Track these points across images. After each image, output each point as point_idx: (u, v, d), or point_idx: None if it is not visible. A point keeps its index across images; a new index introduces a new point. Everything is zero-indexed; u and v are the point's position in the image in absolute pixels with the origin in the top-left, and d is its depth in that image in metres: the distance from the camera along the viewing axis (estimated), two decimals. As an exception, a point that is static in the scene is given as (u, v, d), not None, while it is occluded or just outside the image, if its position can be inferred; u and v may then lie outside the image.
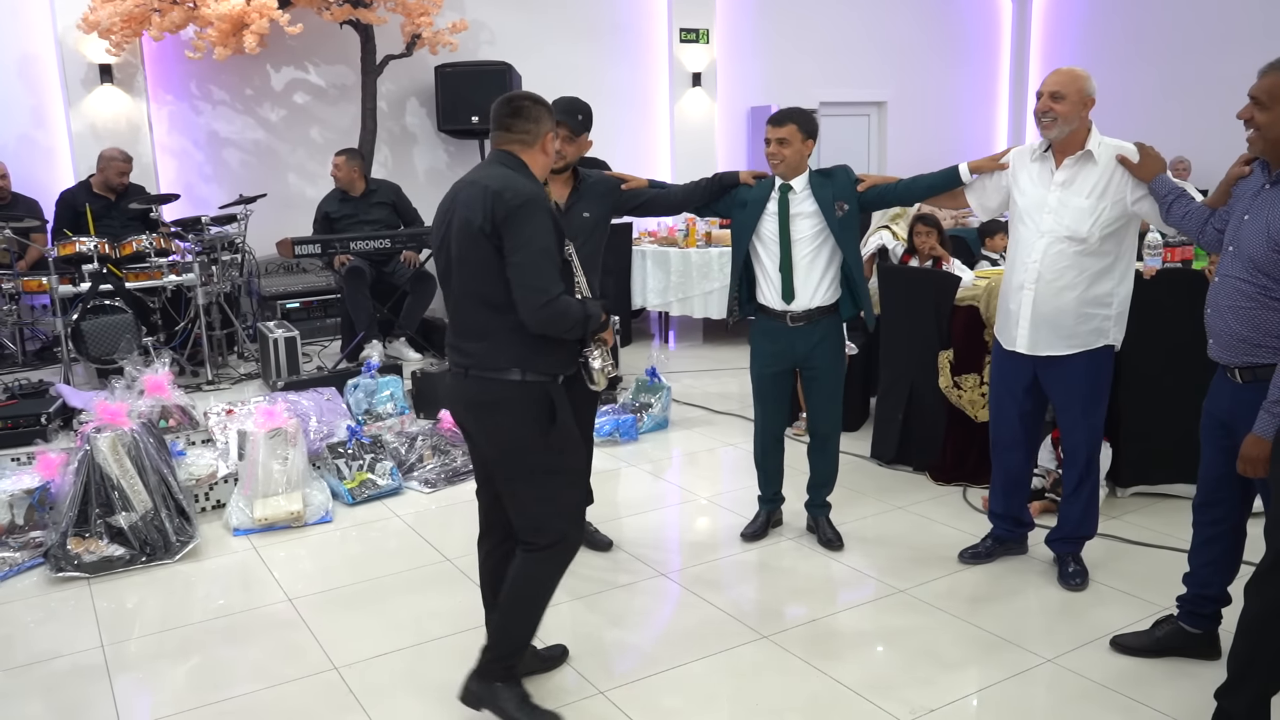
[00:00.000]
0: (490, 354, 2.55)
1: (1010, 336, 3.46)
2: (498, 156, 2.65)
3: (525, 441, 2.58)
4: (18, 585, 3.74)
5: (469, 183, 2.60)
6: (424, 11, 7.41)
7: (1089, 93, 3.25)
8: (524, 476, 2.61)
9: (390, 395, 5.23)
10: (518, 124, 2.63)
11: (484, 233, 2.49)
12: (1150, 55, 9.86)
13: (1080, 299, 3.28)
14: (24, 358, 6.27)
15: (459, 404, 2.68)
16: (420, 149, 8.43)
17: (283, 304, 7.05)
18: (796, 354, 3.75)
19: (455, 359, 2.63)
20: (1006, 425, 3.59)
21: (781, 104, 9.47)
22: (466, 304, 2.59)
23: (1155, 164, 3.17)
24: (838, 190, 3.64)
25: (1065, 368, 3.36)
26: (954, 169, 3.58)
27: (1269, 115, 2.58)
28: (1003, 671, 2.99)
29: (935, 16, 10.73)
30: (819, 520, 4.00)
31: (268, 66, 7.76)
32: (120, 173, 6.44)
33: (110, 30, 6.50)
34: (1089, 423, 3.42)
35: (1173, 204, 3.06)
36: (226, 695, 2.95)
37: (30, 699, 2.97)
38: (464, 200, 2.56)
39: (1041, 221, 3.31)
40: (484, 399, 2.59)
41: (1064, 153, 3.29)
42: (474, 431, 2.69)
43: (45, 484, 4.06)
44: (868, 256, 6.00)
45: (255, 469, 4.24)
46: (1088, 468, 3.48)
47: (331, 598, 3.60)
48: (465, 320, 2.60)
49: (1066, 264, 3.26)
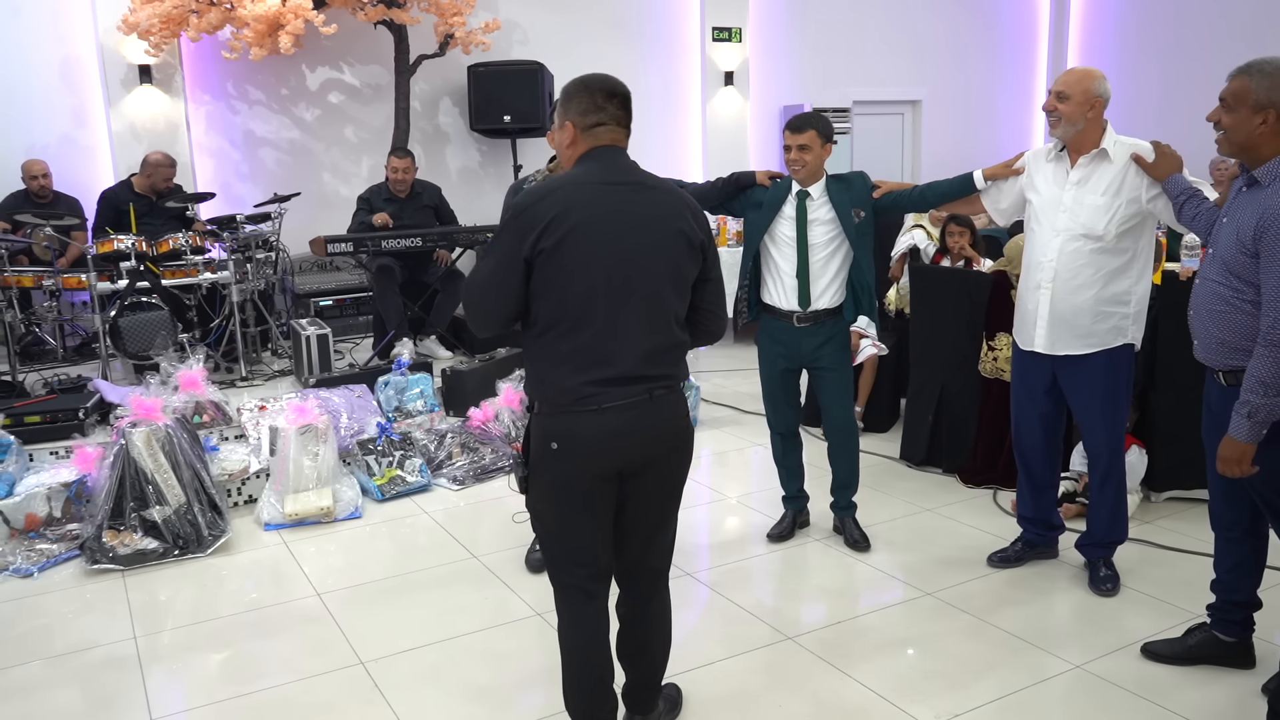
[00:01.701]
0: (679, 373, 2.38)
1: (1028, 336, 3.43)
2: (622, 156, 2.36)
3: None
4: (55, 576, 3.81)
5: (644, 186, 2.32)
6: (457, 11, 7.45)
7: (1097, 93, 3.21)
8: (679, 496, 2.50)
9: (420, 393, 5.27)
10: (628, 118, 2.38)
11: (701, 248, 2.35)
12: (1189, 52, 9.69)
13: (1097, 297, 3.25)
14: (64, 353, 6.39)
15: (645, 435, 2.31)
16: (453, 148, 8.48)
17: (316, 301, 7.12)
18: (803, 353, 3.78)
19: (632, 387, 2.26)
20: (1028, 428, 3.57)
21: (815, 104, 9.46)
22: (660, 320, 2.30)
23: (1170, 163, 3.14)
24: (855, 197, 3.67)
25: (1084, 367, 3.33)
26: (968, 176, 3.61)
27: (1234, 118, 2.62)
28: (1030, 677, 2.95)
29: (971, 14, 10.62)
30: (845, 521, 4.00)
31: (303, 66, 7.85)
32: (166, 178, 6.55)
33: (149, 31, 6.60)
34: (1109, 424, 3.38)
35: (1184, 204, 3.04)
36: (255, 688, 2.99)
37: (66, 688, 3.03)
38: (667, 207, 2.31)
39: (1057, 220, 3.29)
40: (682, 421, 2.40)
41: (1078, 152, 3.28)
42: (664, 460, 2.39)
43: (82, 477, 4.13)
44: (899, 255, 5.98)
45: (286, 465, 4.29)
46: (1110, 469, 3.44)
47: (359, 593, 3.63)
48: (654, 339, 2.29)
49: (1083, 262, 3.24)
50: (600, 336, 2.24)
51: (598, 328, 2.24)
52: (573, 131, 2.34)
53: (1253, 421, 2.51)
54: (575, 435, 2.26)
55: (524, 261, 2.21)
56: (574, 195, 2.24)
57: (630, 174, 2.33)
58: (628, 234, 2.25)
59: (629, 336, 2.25)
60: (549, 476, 2.33)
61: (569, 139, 2.35)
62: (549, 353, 2.28)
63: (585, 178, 2.29)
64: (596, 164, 2.32)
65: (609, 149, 2.34)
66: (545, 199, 2.23)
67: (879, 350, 5.41)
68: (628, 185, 2.30)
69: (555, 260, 2.20)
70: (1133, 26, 10.39)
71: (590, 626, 2.44)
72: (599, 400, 2.24)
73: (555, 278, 2.22)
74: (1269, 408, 2.49)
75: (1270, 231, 2.46)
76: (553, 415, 2.29)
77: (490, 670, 3.07)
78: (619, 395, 2.25)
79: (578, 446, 2.26)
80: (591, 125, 2.32)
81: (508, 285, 2.24)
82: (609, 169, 2.31)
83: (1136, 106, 9.72)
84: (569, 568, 2.41)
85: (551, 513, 2.38)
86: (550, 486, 2.34)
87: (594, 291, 2.22)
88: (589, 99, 2.32)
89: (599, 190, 2.27)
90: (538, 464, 2.33)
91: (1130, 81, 10.03)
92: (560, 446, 2.28)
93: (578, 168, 2.34)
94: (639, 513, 2.42)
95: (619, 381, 2.25)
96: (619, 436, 2.27)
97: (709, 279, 2.41)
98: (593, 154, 2.33)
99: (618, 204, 2.26)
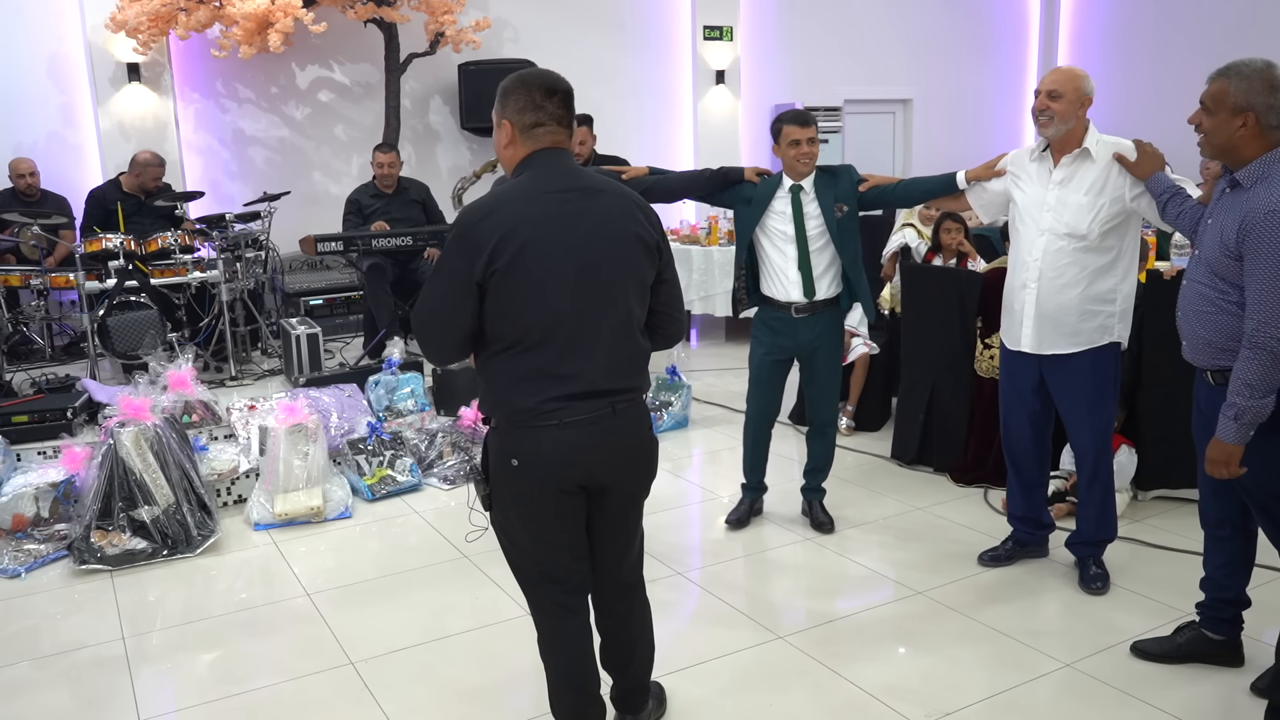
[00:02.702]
0: (642, 383, 2.31)
1: (1015, 336, 3.45)
2: (566, 159, 2.25)
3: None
4: (42, 577, 3.79)
5: (593, 190, 2.22)
6: (447, 10, 7.44)
7: (1086, 91, 3.23)
8: (642, 509, 2.47)
9: (411, 392, 5.26)
10: (570, 117, 2.28)
11: (657, 249, 2.27)
12: (1178, 51, 9.73)
13: (1083, 296, 3.27)
14: (52, 352, 6.35)
15: (607, 448, 2.23)
16: (443, 147, 8.46)
17: (306, 301, 7.11)
18: (799, 343, 3.86)
19: (594, 401, 2.19)
20: (1017, 427, 3.58)
21: (806, 102, 9.47)
22: (623, 331, 2.22)
23: (1152, 162, 3.15)
24: (840, 191, 3.76)
25: (1070, 366, 3.35)
26: (951, 176, 3.65)
27: (1214, 120, 2.62)
28: (1020, 675, 2.96)
29: (962, 13, 10.64)
30: (813, 504, 4.13)
31: (293, 65, 7.82)
32: (155, 178, 6.53)
33: (137, 29, 6.57)
34: (1095, 422, 3.40)
35: (1168, 202, 3.06)
36: (245, 688, 2.98)
37: (54, 689, 3.01)
38: (619, 212, 2.22)
39: (1041, 220, 3.31)
40: (645, 434, 2.32)
41: (1061, 151, 3.30)
42: (627, 475, 2.33)
43: (70, 477, 4.11)
44: (890, 255, 5.97)
45: (276, 464, 4.28)
46: (1097, 468, 3.46)
47: (350, 593, 3.62)
48: (619, 351, 2.22)
49: (1068, 261, 3.26)
50: (562, 354, 2.15)
51: (559, 345, 2.15)
52: (510, 131, 2.22)
53: (1239, 423, 2.52)
54: (536, 451, 2.17)
55: (475, 285, 2.10)
56: (521, 210, 2.12)
57: (577, 178, 2.22)
58: (583, 245, 2.15)
59: (592, 351, 2.17)
60: (510, 493, 2.25)
61: (506, 139, 2.23)
62: (506, 370, 2.18)
63: (530, 188, 2.17)
64: (539, 171, 2.20)
65: (551, 152, 2.22)
66: (489, 217, 2.11)
67: (870, 349, 5.41)
68: (576, 191, 2.19)
69: (509, 281, 2.09)
70: (1123, 26, 10.43)
71: (573, 644, 2.38)
72: (560, 415, 2.15)
73: (511, 299, 2.11)
74: (1255, 409, 2.49)
75: (1253, 234, 2.47)
76: (511, 431, 2.20)
77: (481, 670, 3.06)
78: (581, 410, 2.17)
79: (539, 461, 2.18)
80: (530, 125, 2.20)
81: (460, 312, 2.12)
82: (553, 175, 2.20)
83: (1126, 107, 9.76)
84: (544, 585, 2.34)
85: (519, 529, 2.30)
86: (514, 502, 2.26)
87: (553, 309, 2.12)
88: (526, 97, 2.20)
89: (546, 200, 2.15)
90: (499, 481, 2.25)
91: (1120, 82, 10.07)
92: (521, 463, 2.19)
93: (519, 177, 2.22)
94: (605, 528, 2.37)
95: (581, 397, 2.16)
96: (581, 450, 2.19)
97: (664, 279, 2.33)
98: (534, 159, 2.21)
99: (568, 214, 2.15)
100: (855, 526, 4.13)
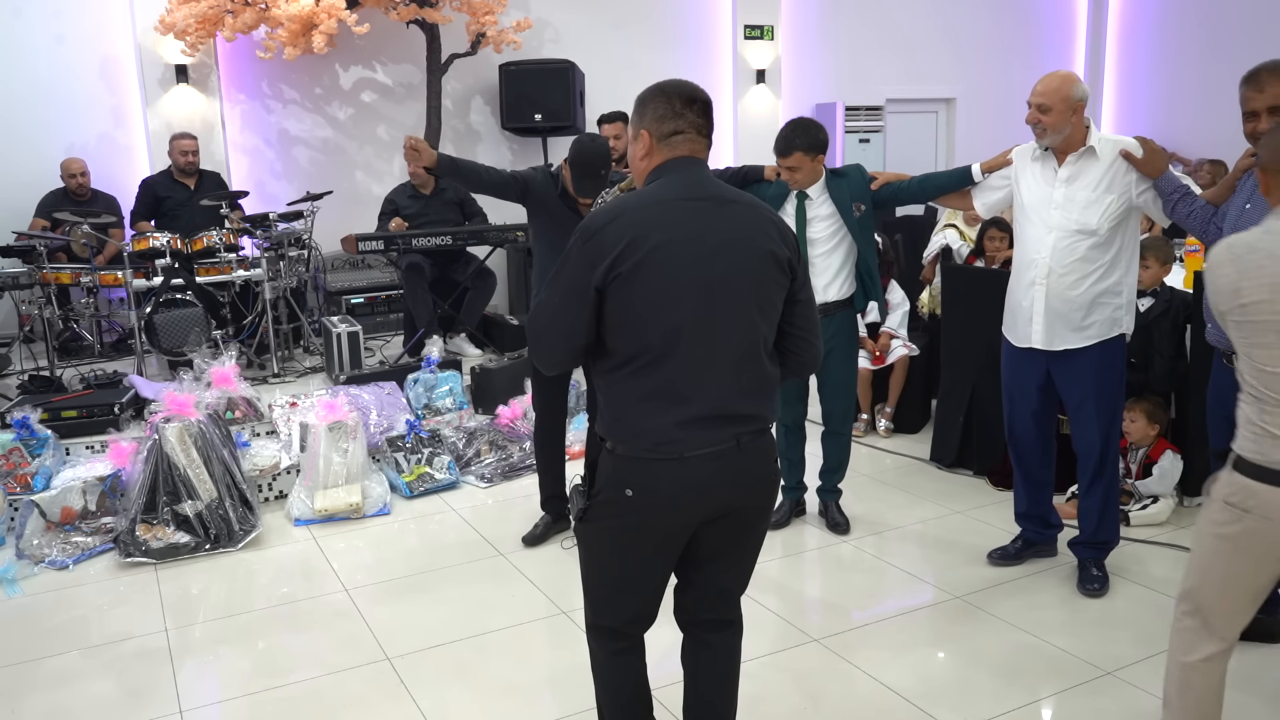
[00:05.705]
0: (769, 412, 2.14)
1: (1023, 334, 3.44)
2: (701, 168, 2.15)
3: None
4: (89, 569, 3.87)
5: (725, 200, 2.09)
6: (489, 10, 7.48)
7: (1076, 98, 3.25)
8: (759, 544, 2.28)
9: (449, 390, 5.30)
10: (710, 127, 2.17)
11: (790, 267, 2.11)
12: (1227, 51, 9.51)
13: (1093, 290, 3.30)
14: (101, 349, 6.47)
15: (728, 487, 2.08)
16: (484, 147, 8.51)
17: (347, 299, 7.17)
18: None
19: (718, 432, 2.04)
20: (1022, 425, 3.58)
21: (848, 101, 9.39)
22: (751, 351, 2.07)
23: (1161, 160, 3.24)
24: (854, 191, 3.78)
25: (1079, 361, 3.36)
26: (966, 169, 3.68)
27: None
28: (1061, 683, 2.92)
29: (1007, 11, 10.49)
30: (829, 505, 4.14)
31: (336, 66, 7.91)
32: (182, 151, 6.65)
33: (186, 31, 6.69)
34: (1103, 419, 3.39)
35: (1177, 202, 3.15)
36: (284, 681, 3.02)
37: (100, 678, 3.08)
38: (753, 226, 2.08)
39: (1049, 217, 3.33)
40: (771, 472, 2.16)
41: (1065, 151, 3.32)
42: (755, 513, 2.18)
43: (117, 471, 4.19)
44: (931, 256, 5.92)
45: (316, 461, 4.33)
46: (1101, 466, 3.43)
47: (387, 589, 3.66)
48: (745, 373, 2.07)
49: (1078, 257, 3.29)
50: (684, 372, 2.01)
51: (681, 362, 2.00)
52: (648, 141, 2.13)
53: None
54: (653, 487, 2.03)
55: (595, 291, 1.99)
56: (650, 215, 2.02)
57: (710, 187, 2.10)
58: (712, 256, 2.01)
59: (716, 372, 2.02)
60: (617, 523, 2.10)
61: (644, 149, 2.14)
62: (627, 389, 2.04)
63: (661, 194, 2.07)
64: (673, 178, 2.10)
65: (687, 160, 2.12)
66: (616, 220, 2.01)
67: (910, 351, 5.36)
68: (708, 201, 2.07)
69: (632, 288, 1.98)
70: (1172, 23, 10.22)
71: (629, 678, 2.29)
72: (681, 447, 2.01)
73: (632, 308, 1.99)
74: None
75: None
76: (630, 459, 2.05)
77: (517, 667, 3.08)
78: (703, 441, 2.02)
79: (654, 499, 2.04)
80: (669, 134, 2.11)
81: (576, 319, 2.02)
82: (687, 183, 2.08)
83: (1173, 105, 9.59)
84: (614, 612, 2.22)
85: (610, 557, 2.17)
86: (616, 532, 2.11)
87: (676, 322, 1.99)
88: (666, 105, 2.11)
89: (677, 208, 2.04)
90: (606, 505, 2.10)
91: (1169, 80, 9.88)
92: (635, 496, 2.05)
93: (652, 183, 2.12)
94: (713, 549, 2.20)
95: (704, 424, 2.02)
96: (700, 492, 2.05)
97: (798, 300, 2.15)
98: (668, 166, 2.11)
99: (699, 223, 2.03)
100: (894, 529, 4.09)
